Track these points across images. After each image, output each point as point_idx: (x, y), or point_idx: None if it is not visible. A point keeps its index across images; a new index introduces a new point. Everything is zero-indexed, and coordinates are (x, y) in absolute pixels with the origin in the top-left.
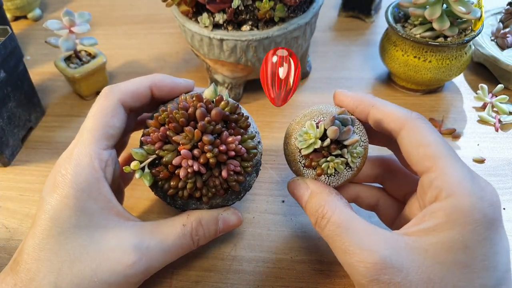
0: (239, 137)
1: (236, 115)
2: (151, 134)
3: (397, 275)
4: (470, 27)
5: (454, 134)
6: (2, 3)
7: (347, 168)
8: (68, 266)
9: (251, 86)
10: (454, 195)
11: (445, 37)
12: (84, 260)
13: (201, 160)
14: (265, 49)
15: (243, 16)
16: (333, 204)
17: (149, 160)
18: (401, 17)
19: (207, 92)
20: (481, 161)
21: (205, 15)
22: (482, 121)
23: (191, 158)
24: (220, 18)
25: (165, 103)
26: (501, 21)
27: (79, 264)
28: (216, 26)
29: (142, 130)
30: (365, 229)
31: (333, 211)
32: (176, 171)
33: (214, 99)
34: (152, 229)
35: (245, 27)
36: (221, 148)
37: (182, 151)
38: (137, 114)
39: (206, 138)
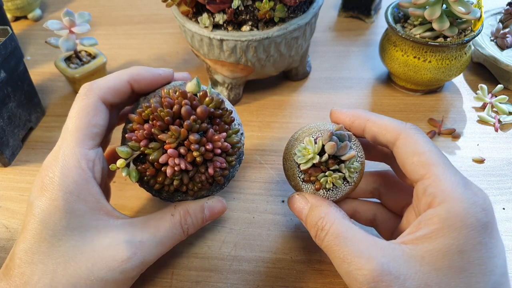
0: (224, 134)
1: (220, 111)
2: (135, 131)
3: (395, 282)
4: (470, 27)
5: (453, 134)
6: (2, 4)
7: (344, 183)
8: (63, 267)
9: (251, 86)
10: (447, 200)
11: (445, 37)
12: (79, 260)
13: (188, 159)
14: (265, 49)
15: (243, 16)
16: (332, 216)
17: (133, 156)
18: (401, 17)
19: (190, 86)
20: (480, 161)
21: (205, 15)
22: (481, 121)
23: (178, 157)
24: (220, 18)
25: (146, 95)
26: (501, 21)
27: (74, 264)
28: (216, 26)
29: (123, 124)
30: (363, 239)
31: (332, 223)
32: (162, 168)
33: (197, 93)
34: (143, 224)
35: (245, 27)
36: (208, 147)
37: (169, 151)
38: (119, 108)
39: (192, 137)
